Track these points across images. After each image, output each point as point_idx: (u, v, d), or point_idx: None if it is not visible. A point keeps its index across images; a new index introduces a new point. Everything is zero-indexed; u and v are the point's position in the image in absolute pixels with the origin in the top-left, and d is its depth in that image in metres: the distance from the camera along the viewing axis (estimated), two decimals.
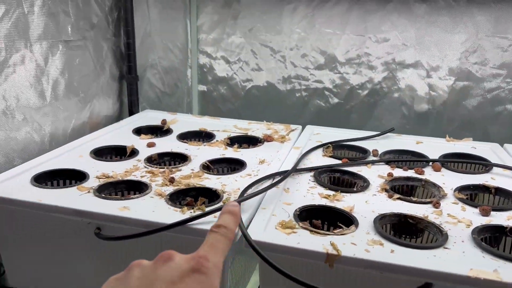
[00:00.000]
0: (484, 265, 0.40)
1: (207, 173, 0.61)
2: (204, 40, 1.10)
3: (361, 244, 0.43)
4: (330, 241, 0.43)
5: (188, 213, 0.48)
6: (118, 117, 0.88)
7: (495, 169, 0.65)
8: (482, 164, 0.66)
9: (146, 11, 0.94)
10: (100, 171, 0.60)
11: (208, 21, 1.08)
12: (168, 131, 0.81)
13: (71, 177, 0.58)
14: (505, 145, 0.75)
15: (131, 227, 0.46)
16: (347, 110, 1.04)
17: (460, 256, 0.42)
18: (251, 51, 1.07)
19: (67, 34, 0.71)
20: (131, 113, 0.91)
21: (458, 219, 0.50)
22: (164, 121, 0.84)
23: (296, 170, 0.60)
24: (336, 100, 1.04)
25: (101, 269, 0.51)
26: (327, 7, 0.99)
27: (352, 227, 0.46)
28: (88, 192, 0.53)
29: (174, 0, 1.02)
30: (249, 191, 0.53)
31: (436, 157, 0.69)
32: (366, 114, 1.02)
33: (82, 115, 0.77)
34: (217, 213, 0.47)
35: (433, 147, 0.74)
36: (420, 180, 0.61)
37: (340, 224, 0.47)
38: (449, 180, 0.61)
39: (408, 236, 0.50)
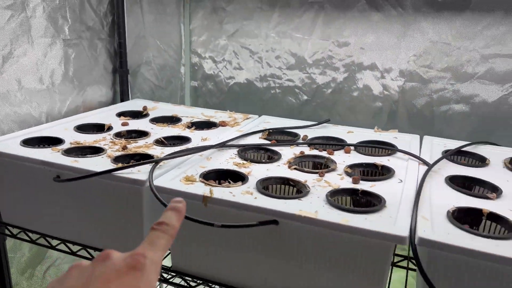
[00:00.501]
0: (323, 212, 0.53)
1: (156, 145, 0.77)
2: (195, 41, 1.27)
3: (237, 193, 0.57)
4: (210, 189, 0.57)
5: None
6: (111, 103, 1.07)
7: (398, 153, 0.76)
8: (385, 149, 0.77)
9: (140, 16, 1.12)
10: (76, 139, 0.78)
11: (199, 26, 1.25)
12: (146, 115, 0.98)
13: (52, 142, 0.76)
14: (425, 136, 0.86)
15: (78, 174, 0.63)
16: (314, 106, 1.16)
17: (309, 205, 0.55)
18: (233, 52, 1.22)
19: (65, 34, 0.90)
20: (122, 100, 1.09)
21: (330, 184, 0.62)
22: (145, 108, 1.01)
23: (223, 145, 0.75)
24: (305, 97, 1.17)
25: (63, 206, 0.68)
26: (297, 15, 1.12)
27: (238, 183, 0.61)
28: (58, 151, 0.71)
29: (169, 7, 1.20)
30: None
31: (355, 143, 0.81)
32: (330, 110, 1.14)
33: (76, 99, 0.96)
34: (140, 167, 0.63)
35: (359, 136, 0.86)
36: (324, 157, 0.73)
37: (229, 180, 0.62)
38: (351, 160, 0.73)
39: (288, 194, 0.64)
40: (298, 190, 0.62)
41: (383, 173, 0.68)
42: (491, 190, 0.62)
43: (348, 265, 0.52)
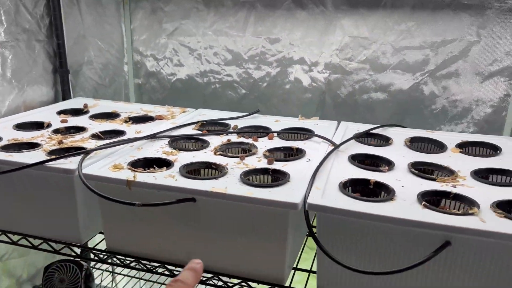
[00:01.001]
0: (233, 188, 0.60)
1: (92, 139, 0.82)
2: (137, 40, 1.31)
3: (159, 177, 0.64)
4: (134, 174, 0.64)
5: None
6: (52, 103, 1.10)
7: (314, 138, 0.85)
8: (302, 134, 0.86)
9: (79, 18, 1.16)
10: (14, 137, 0.82)
11: (139, 25, 1.30)
12: (86, 113, 1.02)
13: None
14: (342, 122, 0.96)
15: (6, 166, 0.67)
16: (252, 99, 1.24)
17: (224, 183, 0.62)
18: (174, 49, 1.28)
19: (1, 36, 0.93)
20: (64, 99, 1.13)
21: (247, 165, 0.70)
22: (85, 105, 1.06)
23: (154, 136, 0.81)
24: (243, 91, 1.25)
25: (4, 199, 0.73)
26: (230, 14, 1.20)
27: (163, 168, 0.67)
28: None
29: (108, 8, 1.24)
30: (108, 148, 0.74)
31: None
32: (266, 102, 1.23)
33: (16, 99, 0.99)
34: (73, 158, 0.68)
35: (284, 124, 0.94)
36: (248, 144, 0.81)
37: (155, 166, 0.68)
38: (272, 145, 0.81)
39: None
40: (219, 172, 0.69)
41: (297, 154, 0.77)
42: (386, 164, 0.71)
43: (256, 233, 0.60)
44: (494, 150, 0.79)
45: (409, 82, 1.08)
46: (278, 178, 0.65)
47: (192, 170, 0.69)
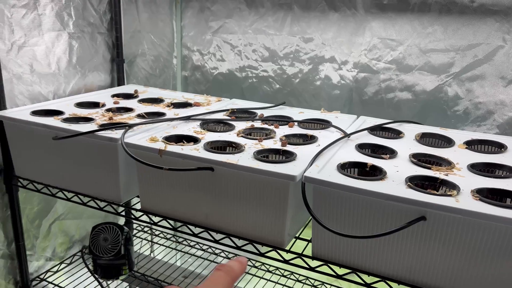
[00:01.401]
0: (245, 161, 0.71)
1: (137, 118, 0.96)
2: (185, 36, 1.45)
3: (186, 149, 0.76)
4: (165, 144, 0.76)
5: None
6: (109, 87, 1.26)
7: (331, 128, 0.93)
8: (320, 123, 0.94)
9: (136, 14, 1.31)
10: (74, 112, 0.97)
11: (188, 23, 1.43)
12: (136, 97, 1.17)
13: (55, 114, 0.96)
14: (361, 116, 1.03)
15: (64, 133, 0.82)
16: (285, 93, 1.34)
17: (239, 157, 0.73)
18: (217, 46, 1.41)
19: (70, 28, 1.10)
20: (119, 85, 1.29)
21: (263, 146, 0.80)
22: (136, 91, 1.21)
23: (188, 118, 0.94)
24: (277, 86, 1.35)
25: (60, 161, 0.88)
26: (269, 14, 1.30)
27: (191, 143, 0.79)
28: (58, 120, 0.90)
29: (161, 7, 1.39)
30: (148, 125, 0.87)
31: None
32: (298, 97, 1.32)
33: (79, 82, 1.16)
34: (118, 130, 0.82)
35: (307, 115, 1.03)
36: (269, 130, 0.91)
37: (184, 141, 0.80)
38: (291, 132, 0.90)
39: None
40: (237, 149, 0.80)
41: (310, 140, 0.86)
42: (389, 153, 0.78)
43: (262, 201, 0.70)
44: (499, 147, 0.83)
45: (434, 83, 1.13)
46: (287, 157, 0.75)
47: (215, 147, 0.80)
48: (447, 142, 0.87)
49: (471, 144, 0.85)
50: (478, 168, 0.73)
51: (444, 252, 0.60)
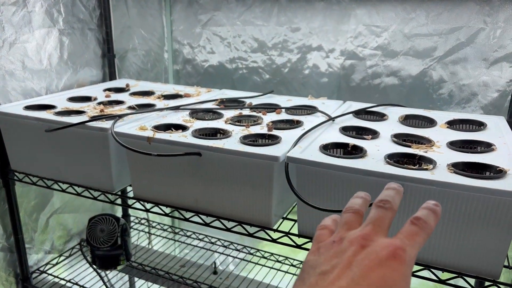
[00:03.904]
0: (231, 145, 0.73)
1: (128, 110, 0.98)
2: (175, 30, 1.48)
3: (174, 136, 0.78)
4: (153, 132, 0.78)
5: None
6: (101, 82, 1.29)
7: (317, 113, 0.96)
8: (306, 109, 0.97)
9: (125, 10, 1.33)
10: (66, 106, 1.00)
11: (178, 17, 1.46)
12: (127, 91, 1.19)
13: (47, 108, 0.98)
14: (347, 101, 1.05)
15: (56, 125, 0.84)
16: (275, 83, 1.36)
17: (225, 142, 0.75)
18: (207, 38, 1.43)
19: (60, 25, 1.12)
20: (111, 80, 1.31)
21: (250, 132, 0.82)
22: (127, 85, 1.23)
23: (178, 108, 0.96)
24: (267, 76, 1.37)
25: (53, 152, 0.91)
26: (255, 5, 1.32)
27: (179, 131, 0.82)
28: (51, 113, 0.93)
29: (151, 2, 1.41)
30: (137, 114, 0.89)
31: None
32: (288, 86, 1.34)
33: (71, 78, 1.18)
34: (109, 121, 0.84)
35: (295, 102, 1.06)
36: (256, 116, 0.93)
37: (172, 129, 0.82)
38: (278, 118, 0.93)
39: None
40: (224, 135, 0.82)
41: (297, 126, 0.88)
42: (371, 134, 0.81)
43: (249, 183, 0.72)
44: (479, 126, 0.85)
45: (419, 68, 1.15)
46: (272, 140, 0.77)
47: (204, 134, 0.83)
48: (429, 122, 0.89)
49: (452, 124, 0.88)
50: (457, 145, 0.75)
51: None
